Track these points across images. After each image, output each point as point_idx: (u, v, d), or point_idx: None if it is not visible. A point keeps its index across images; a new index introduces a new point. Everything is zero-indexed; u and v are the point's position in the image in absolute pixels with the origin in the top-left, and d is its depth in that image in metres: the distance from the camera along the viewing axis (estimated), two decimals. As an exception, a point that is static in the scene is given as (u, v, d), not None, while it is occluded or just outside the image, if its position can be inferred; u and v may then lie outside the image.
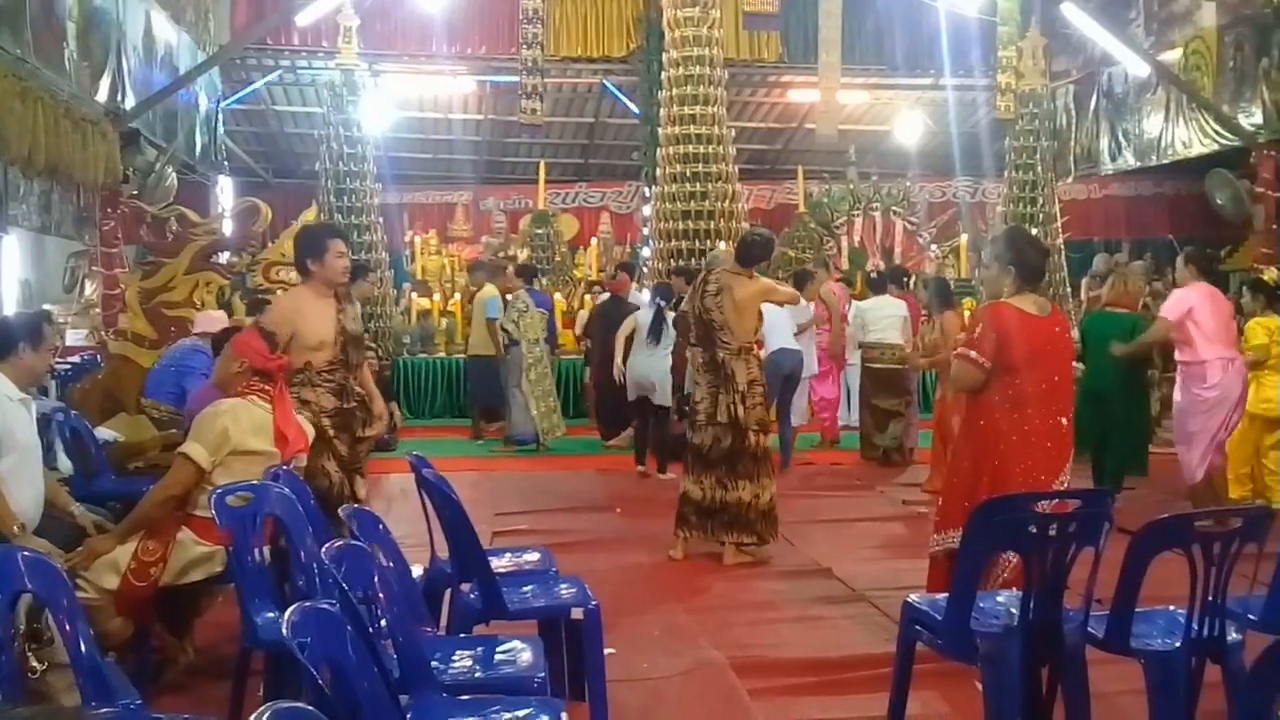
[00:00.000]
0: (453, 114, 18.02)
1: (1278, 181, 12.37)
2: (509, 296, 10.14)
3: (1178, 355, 6.90)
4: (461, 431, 10.98)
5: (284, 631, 1.94)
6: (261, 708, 1.60)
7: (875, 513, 7.42)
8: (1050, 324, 4.15)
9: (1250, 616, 3.40)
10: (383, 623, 2.73)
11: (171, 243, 7.99)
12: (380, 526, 3.24)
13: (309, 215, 13.08)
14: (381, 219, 13.01)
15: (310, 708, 1.68)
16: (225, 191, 16.25)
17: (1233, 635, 3.26)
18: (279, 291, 11.85)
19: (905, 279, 9.67)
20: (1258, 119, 12.22)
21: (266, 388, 4.04)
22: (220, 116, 15.48)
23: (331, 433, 4.56)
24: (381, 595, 2.66)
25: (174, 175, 11.85)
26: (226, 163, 16.10)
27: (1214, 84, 12.82)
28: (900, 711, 3.51)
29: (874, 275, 10.73)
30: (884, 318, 9.24)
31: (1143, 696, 3.22)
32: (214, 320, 6.65)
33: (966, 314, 8.67)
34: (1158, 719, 3.17)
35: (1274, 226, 12.53)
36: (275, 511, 3.51)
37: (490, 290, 10.62)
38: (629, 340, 8.95)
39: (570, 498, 7.89)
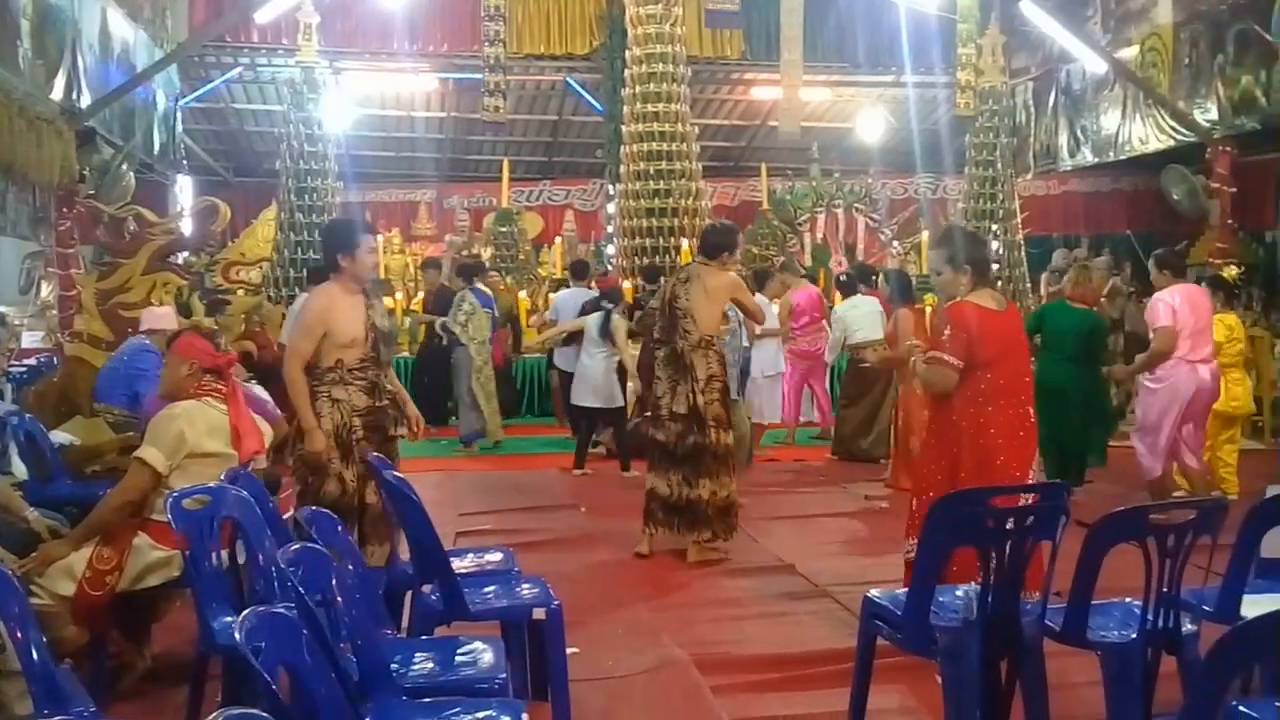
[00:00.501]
0: (415, 111, 17.93)
1: (1233, 177, 12.57)
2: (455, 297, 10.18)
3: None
4: (424, 432, 10.93)
5: (238, 637, 1.92)
6: (213, 714, 1.58)
7: (838, 508, 7.46)
8: (1011, 317, 4.30)
9: (1205, 608, 3.43)
10: (341, 626, 2.70)
11: (129, 243, 7.88)
12: (339, 528, 3.21)
13: (269, 215, 13.01)
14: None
15: (264, 714, 1.66)
16: (184, 191, 16.08)
17: (1188, 627, 3.30)
18: (240, 292, 11.80)
19: (874, 277, 9.72)
20: (1213, 115, 12.39)
21: (220, 387, 4.00)
22: (179, 115, 15.31)
23: (361, 433, 4.51)
24: (339, 598, 2.64)
25: (131, 174, 11.72)
26: (185, 161, 15.93)
27: (1170, 80, 12.99)
28: (861, 706, 3.53)
29: (843, 279, 10.78)
30: (864, 315, 9.28)
31: (1100, 688, 3.25)
32: (161, 317, 6.50)
33: (929, 310, 8.73)
34: (1114, 710, 3.20)
35: (1229, 222, 12.74)
36: (233, 515, 3.47)
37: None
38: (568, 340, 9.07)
39: (534, 497, 7.87)
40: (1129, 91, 13.96)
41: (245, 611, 2.02)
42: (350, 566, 3.04)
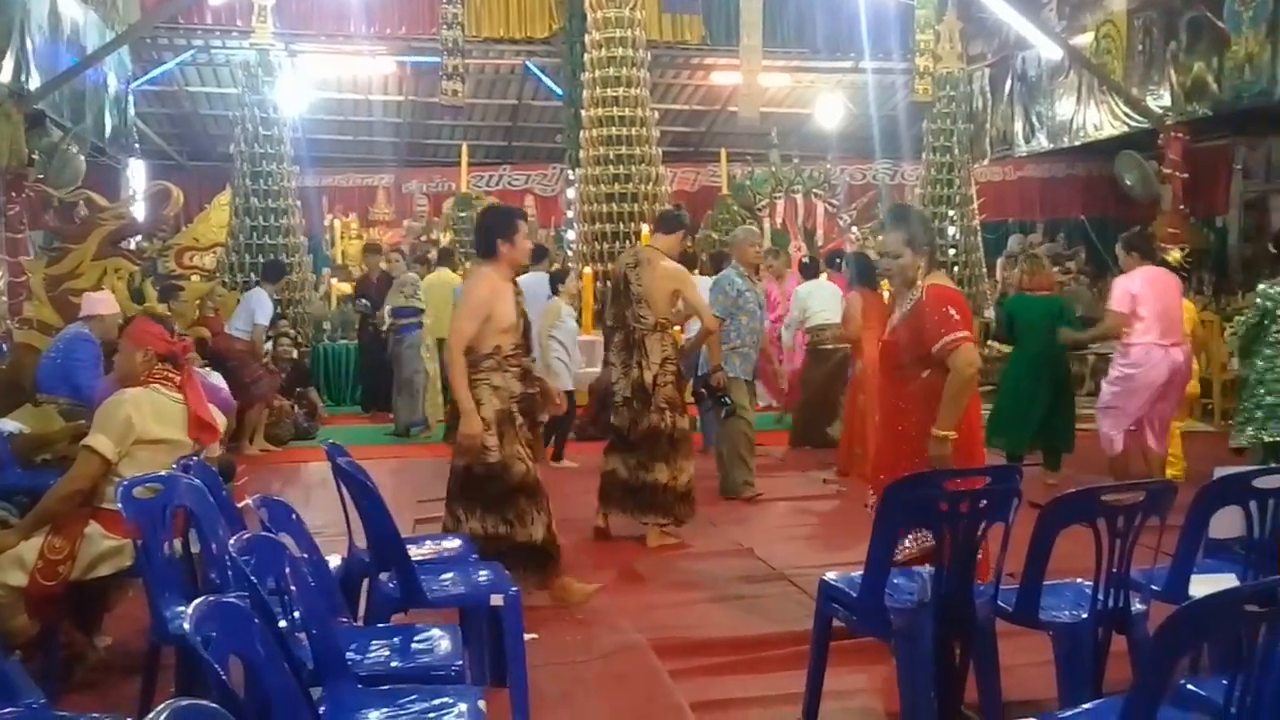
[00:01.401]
0: (372, 95, 17.76)
1: (1185, 163, 12.76)
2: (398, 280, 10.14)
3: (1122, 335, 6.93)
4: (383, 419, 10.88)
5: (187, 627, 1.90)
6: (160, 706, 1.56)
7: (796, 493, 7.50)
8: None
9: (1154, 587, 3.48)
10: (296, 614, 2.68)
11: (79, 227, 7.77)
12: (294, 516, 3.19)
13: (224, 199, 12.83)
14: (299, 202, 12.80)
15: (212, 705, 1.65)
16: (136, 175, 15.82)
17: (1137, 606, 3.35)
18: (193, 278, 11.63)
19: (838, 261, 9.75)
20: (1165, 101, 12.56)
21: (171, 375, 3.94)
22: (131, 98, 15.05)
23: (520, 419, 4.56)
24: (293, 587, 2.62)
25: (82, 158, 11.51)
26: (138, 145, 15.68)
27: (1124, 67, 13.15)
28: (817, 687, 3.55)
29: (806, 261, 10.79)
30: (824, 298, 9.29)
31: (1051, 667, 3.30)
32: (99, 302, 6.37)
33: (886, 294, 8.78)
34: (1065, 689, 3.25)
35: (1181, 207, 12.93)
36: (185, 503, 3.43)
37: (454, 277, 10.94)
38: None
39: (494, 483, 7.83)
40: (1084, 78, 14.12)
41: (195, 601, 2.00)
42: (304, 555, 3.01)
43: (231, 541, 2.54)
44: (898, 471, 3.77)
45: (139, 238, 10.27)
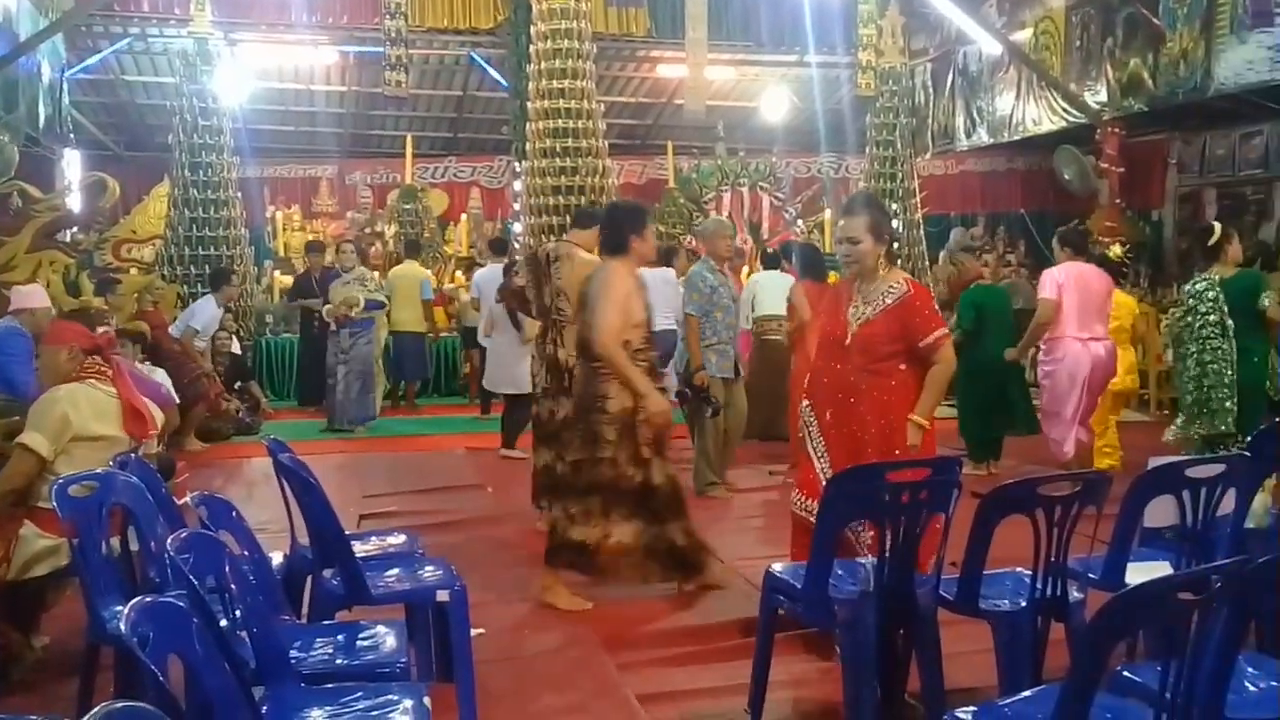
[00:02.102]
0: (315, 85, 17.51)
1: (1121, 157, 13.01)
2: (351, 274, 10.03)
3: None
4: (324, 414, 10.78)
5: (122, 628, 1.87)
6: (96, 709, 1.53)
7: (742, 484, 7.54)
8: None
9: (1091, 575, 3.56)
10: (237, 613, 2.65)
11: (12, 219, 7.58)
12: (234, 514, 3.14)
13: (162, 190, 12.62)
14: (240, 194, 12.60)
15: (149, 707, 1.62)
16: (72, 165, 15.45)
17: (1075, 594, 3.42)
18: (131, 270, 11.42)
19: (787, 252, 9.81)
20: (1103, 97, 12.78)
21: (103, 368, 3.87)
22: (65, 87, 14.69)
23: (645, 415, 4.58)
24: (233, 585, 2.58)
25: (15, 148, 11.23)
26: (73, 135, 15.31)
27: (1062, 63, 13.36)
28: (763, 677, 3.58)
29: (770, 252, 10.79)
30: (773, 289, 9.32)
31: (992, 655, 3.35)
32: (29, 295, 6.19)
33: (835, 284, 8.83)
34: (1005, 676, 3.30)
35: (1118, 201, 13.18)
36: (123, 501, 3.37)
37: (421, 270, 11.24)
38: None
39: (440, 477, 7.81)
40: (1023, 73, 14.32)
41: (131, 601, 1.96)
42: (245, 553, 2.98)
43: (169, 540, 2.50)
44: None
45: (75, 230, 10.05)
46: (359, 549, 3.85)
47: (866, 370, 4.03)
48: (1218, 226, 6.78)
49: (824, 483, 3.83)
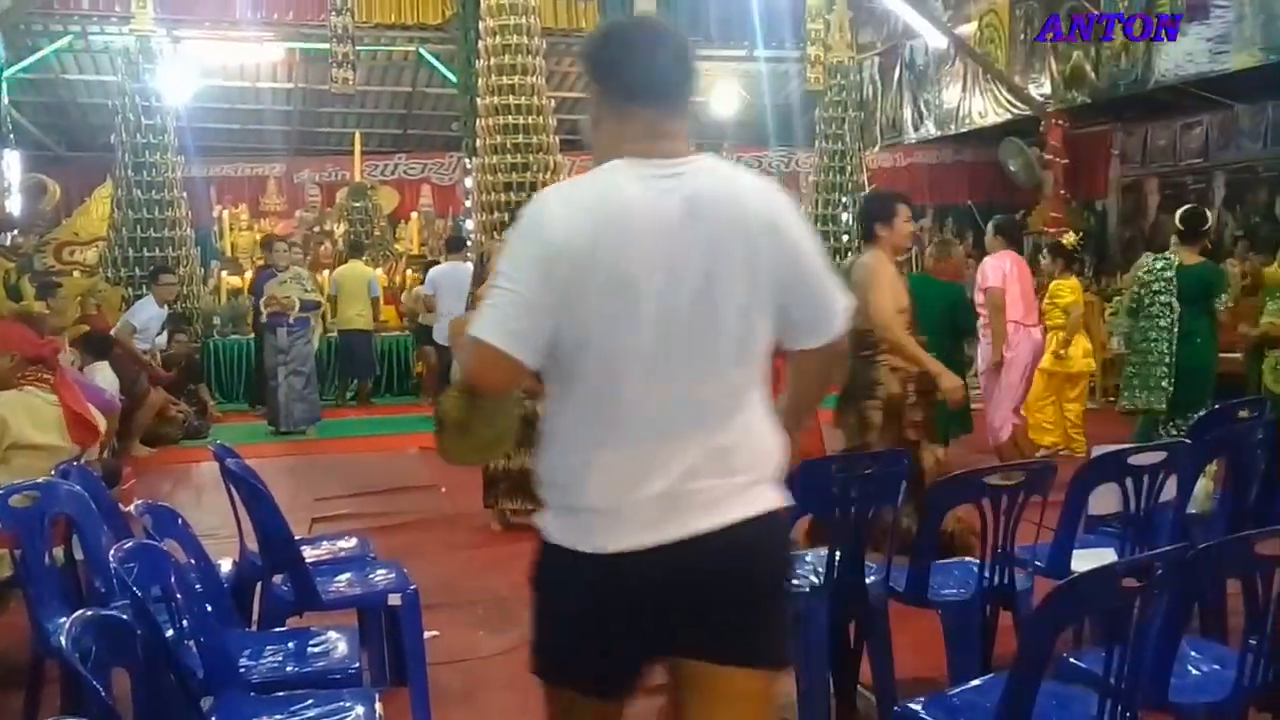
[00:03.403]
0: (261, 83, 17.30)
1: (1065, 148, 13.21)
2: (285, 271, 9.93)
3: (985, 321, 7.11)
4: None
5: (63, 643, 1.84)
6: (35, 727, 1.51)
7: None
8: None
9: (1038, 564, 3.61)
10: (184, 623, 2.62)
11: (-53, 224, 7.42)
12: (180, 521, 3.10)
13: (105, 192, 12.40)
14: (185, 194, 12.40)
15: (91, 722, 1.60)
16: (11, 167, 15.09)
17: (1022, 582, 3.47)
18: (74, 273, 11.21)
19: None
20: (1046, 89, 12.96)
21: (44, 376, 3.80)
22: (4, 86, 14.38)
23: (913, 399, 4.61)
24: (179, 595, 2.55)
25: (-50, 150, 11.01)
26: (12, 136, 14.98)
27: (1006, 56, 13.52)
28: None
29: None
30: None
31: (942, 644, 3.40)
32: None
33: None
34: (955, 665, 3.34)
35: (1062, 192, 13.38)
36: (66, 511, 3.31)
37: (366, 269, 11.24)
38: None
39: (393, 478, 7.75)
40: (969, 67, 14.47)
41: (73, 615, 1.93)
42: (192, 560, 2.94)
43: (113, 550, 2.46)
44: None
45: (14, 233, 9.87)
46: (310, 554, 3.81)
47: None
48: (1209, 214, 6.90)
49: None
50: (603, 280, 1.85)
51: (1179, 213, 7.09)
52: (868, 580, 3.36)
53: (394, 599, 3.47)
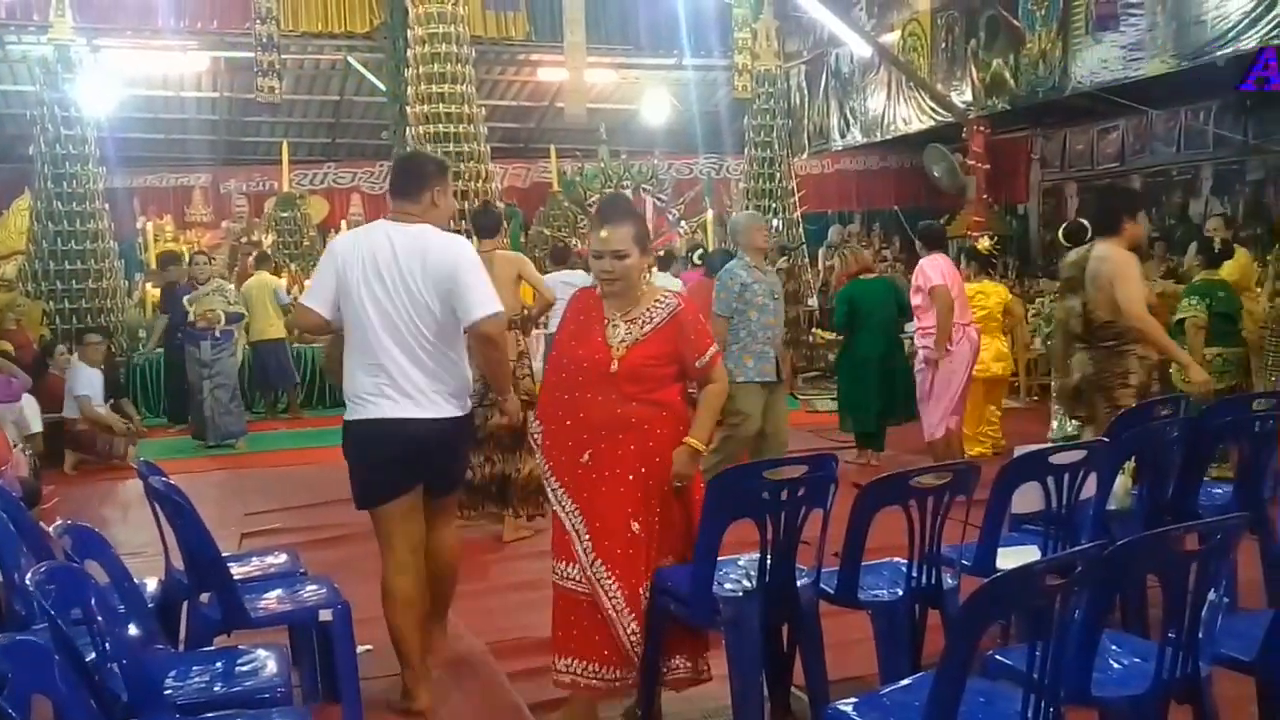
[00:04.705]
0: (185, 92, 17.00)
1: (987, 154, 13.49)
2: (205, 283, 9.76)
3: (922, 321, 7.21)
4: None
5: (-22, 670, 1.79)
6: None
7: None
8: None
9: (964, 563, 3.67)
10: (106, 645, 2.56)
11: None
12: (101, 541, 3.04)
13: (23, 204, 12.09)
14: (108, 205, 12.12)
15: (7, 751, 1.56)
16: (-75, 179, 14.72)
17: (949, 581, 3.53)
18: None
19: (689, 255, 9.95)
20: (968, 96, 13.22)
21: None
22: (-85, 97, 13.99)
23: (1158, 387, 4.92)
24: (100, 617, 2.50)
25: None
26: (-75, 147, 14.59)
27: (929, 64, 13.77)
28: (653, 679, 3.61)
29: (661, 255, 10.82)
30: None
31: (873, 644, 3.45)
32: None
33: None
34: (885, 664, 3.40)
35: (985, 196, 13.66)
36: (-19, 533, 3.23)
37: (275, 280, 11.24)
38: None
39: (325, 490, 7.58)
40: (893, 74, 14.71)
41: (-12, 642, 1.89)
42: (115, 580, 2.88)
43: (30, 573, 2.40)
44: (649, 503, 3.45)
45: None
46: (238, 570, 3.76)
47: (636, 400, 3.47)
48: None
49: (581, 541, 3.44)
50: (355, 276, 3.68)
51: (1080, 215, 7.26)
52: (799, 583, 3.40)
53: (325, 614, 3.43)
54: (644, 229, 3.60)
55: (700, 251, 11.13)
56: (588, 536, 3.45)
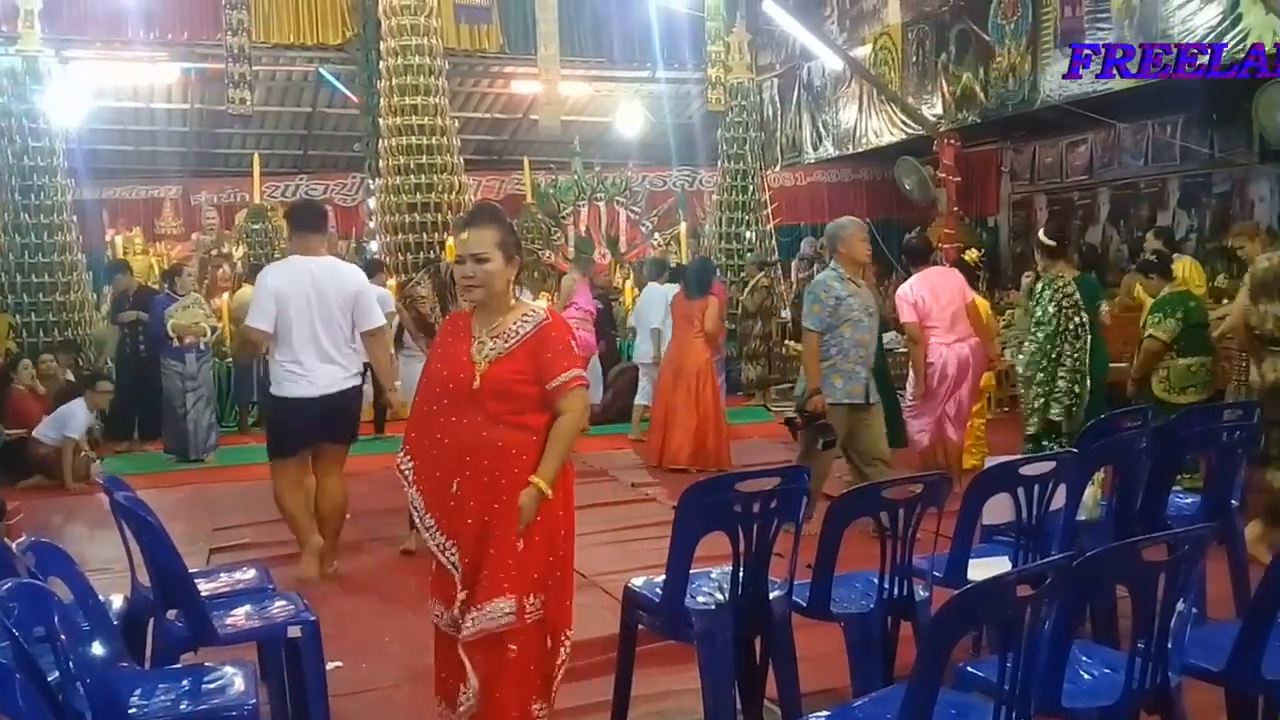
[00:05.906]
0: (155, 103, 16.86)
1: (957, 167, 13.60)
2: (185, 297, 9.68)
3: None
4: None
5: (-65, 691, 1.76)
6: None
7: (607, 498, 7.54)
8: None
9: (936, 574, 3.68)
10: (71, 664, 2.52)
11: None
12: (65, 558, 3.00)
13: (-11, 216, 11.91)
14: (77, 217, 12.01)
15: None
16: (-111, 191, 14.49)
17: (921, 593, 3.54)
18: None
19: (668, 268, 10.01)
20: (938, 109, 13.32)
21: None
22: (-120, 108, 13.77)
23: None
24: (64, 635, 2.46)
25: None
26: (-111, 158, 14.36)
27: (900, 78, 13.86)
28: (625, 692, 3.60)
29: (656, 265, 10.81)
30: (648, 304, 9.45)
31: (845, 656, 3.45)
32: None
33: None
34: (857, 676, 3.40)
35: (955, 208, 13.77)
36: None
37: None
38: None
39: (297, 505, 7.58)
40: (864, 88, 14.80)
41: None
42: (80, 598, 2.84)
43: (-9, 592, 2.37)
44: (493, 536, 3.14)
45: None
46: (206, 587, 3.72)
47: (503, 423, 3.19)
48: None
49: (457, 576, 3.15)
50: (291, 302, 5.33)
51: (1044, 230, 7.22)
52: (771, 595, 3.39)
53: (294, 631, 3.39)
54: (511, 235, 3.30)
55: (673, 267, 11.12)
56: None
